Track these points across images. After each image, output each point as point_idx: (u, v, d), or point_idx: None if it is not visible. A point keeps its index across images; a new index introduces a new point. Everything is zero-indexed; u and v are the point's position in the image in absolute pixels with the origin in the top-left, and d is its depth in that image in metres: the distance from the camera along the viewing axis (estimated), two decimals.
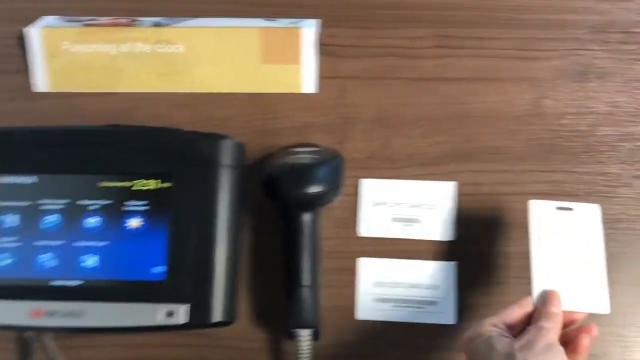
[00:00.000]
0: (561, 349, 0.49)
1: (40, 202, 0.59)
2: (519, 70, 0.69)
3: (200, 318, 0.56)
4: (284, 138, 0.68)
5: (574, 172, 0.66)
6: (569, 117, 0.67)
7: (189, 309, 0.56)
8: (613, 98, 0.68)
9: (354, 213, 0.66)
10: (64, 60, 0.70)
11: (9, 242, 0.59)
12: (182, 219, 0.58)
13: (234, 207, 0.60)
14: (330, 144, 0.67)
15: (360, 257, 0.65)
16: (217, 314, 0.57)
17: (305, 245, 0.60)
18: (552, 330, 0.50)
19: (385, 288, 0.64)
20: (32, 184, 0.59)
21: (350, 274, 0.65)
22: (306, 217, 0.60)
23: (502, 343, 0.49)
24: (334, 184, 0.62)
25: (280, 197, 0.61)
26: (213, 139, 0.61)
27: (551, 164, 0.66)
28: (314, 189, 0.60)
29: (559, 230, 0.58)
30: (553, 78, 0.68)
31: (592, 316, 0.56)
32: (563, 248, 0.57)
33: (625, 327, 0.63)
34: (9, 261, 0.58)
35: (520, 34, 0.70)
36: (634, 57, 0.69)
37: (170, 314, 0.56)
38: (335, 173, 0.63)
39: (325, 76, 0.69)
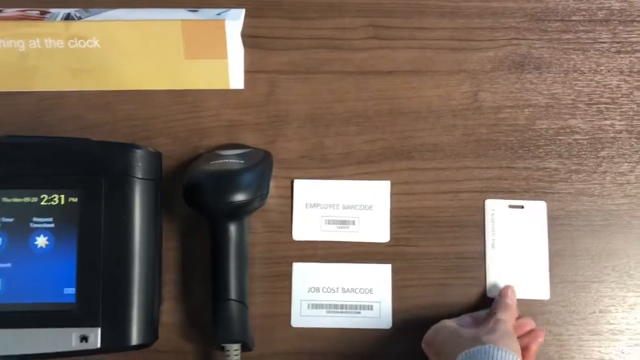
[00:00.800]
0: (515, 337, 0.54)
1: None
2: (455, 62, 0.66)
3: (114, 342, 0.53)
4: (211, 138, 0.65)
5: (512, 167, 0.64)
6: (506, 110, 0.66)
7: (100, 332, 0.52)
8: (551, 90, 0.66)
9: (288, 216, 0.63)
10: None
11: None
12: (90, 237, 0.54)
13: (149, 221, 0.56)
14: (261, 144, 0.65)
15: (295, 262, 0.62)
16: (133, 337, 0.53)
17: (231, 257, 0.57)
18: (508, 320, 0.56)
19: (320, 294, 0.62)
20: None
21: (285, 279, 0.63)
22: (232, 227, 0.57)
23: (468, 331, 0.54)
24: (259, 191, 0.59)
25: (203, 207, 0.57)
26: (124, 149, 0.56)
27: (489, 160, 0.64)
28: (238, 197, 0.56)
29: (511, 228, 0.62)
30: (490, 70, 0.66)
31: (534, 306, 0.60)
32: (513, 243, 0.62)
33: (562, 325, 0.62)
34: None
35: (455, 23, 0.67)
36: (573, 46, 0.67)
37: (84, 339, 0.52)
38: (261, 179, 0.59)
39: (252, 70, 0.66)
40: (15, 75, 0.65)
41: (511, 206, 0.63)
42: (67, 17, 0.65)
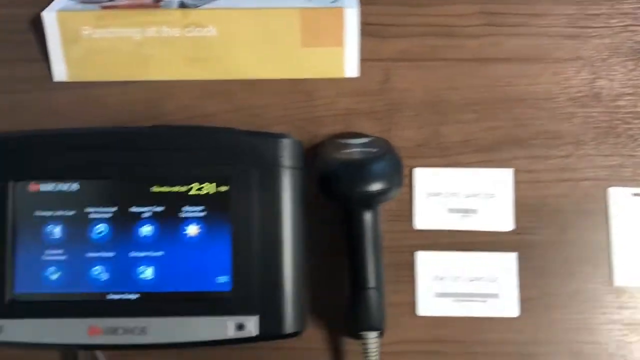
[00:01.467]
0: None
1: (85, 210, 0.54)
2: (571, 49, 0.66)
3: (271, 330, 0.52)
4: (326, 127, 0.64)
5: (634, 156, 0.63)
6: (625, 98, 0.65)
7: (258, 320, 0.52)
8: None
9: (408, 205, 0.63)
10: (84, 47, 0.64)
11: (55, 255, 0.53)
12: (244, 225, 0.53)
13: (298, 210, 0.56)
14: (377, 132, 0.64)
15: (417, 250, 0.62)
16: (289, 325, 0.53)
17: (368, 246, 0.56)
18: None
19: (445, 282, 0.61)
20: (75, 192, 0.54)
21: (408, 268, 0.62)
22: (368, 216, 0.56)
23: None
24: (396, 179, 0.58)
25: (340, 196, 0.57)
26: (270, 138, 0.56)
27: (610, 148, 0.64)
28: (377, 186, 0.56)
29: (635, 215, 0.60)
30: (607, 57, 0.65)
31: None
32: (638, 232, 0.60)
33: None
34: (57, 275, 0.53)
35: (569, 9, 0.66)
36: None
37: (240, 327, 0.52)
38: (396, 167, 0.59)
39: (367, 59, 0.65)
40: (130, 64, 0.65)
41: (635, 194, 0.62)
42: (182, 5, 0.65)
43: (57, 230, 0.54)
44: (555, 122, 0.64)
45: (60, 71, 0.65)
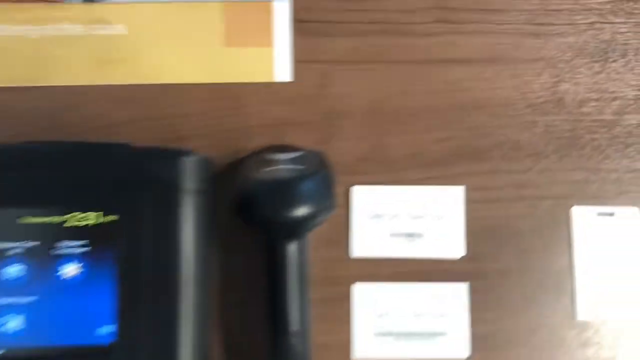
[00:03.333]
0: None
1: None
2: (532, 49, 0.58)
3: None
4: (254, 139, 0.56)
5: (600, 169, 0.57)
6: (591, 104, 0.58)
7: None
8: None
9: (344, 228, 0.55)
10: None
11: None
12: (134, 262, 0.45)
13: (201, 242, 0.48)
14: (313, 145, 0.56)
15: (354, 282, 0.54)
16: None
17: (291, 282, 0.48)
18: None
19: (386, 319, 0.54)
20: None
21: (343, 303, 0.54)
22: (291, 247, 0.49)
23: None
24: (326, 201, 0.50)
25: (258, 223, 0.49)
26: (169, 156, 0.47)
27: (573, 161, 0.57)
28: (303, 210, 0.48)
29: (601, 238, 0.55)
30: (571, 58, 0.58)
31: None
32: (604, 256, 0.55)
33: None
34: None
35: (530, 4, 0.59)
36: None
37: None
38: (327, 186, 0.51)
39: (302, 60, 0.57)
40: (28, 67, 0.56)
41: (601, 214, 0.55)
42: None
43: None
44: (514, 132, 0.57)
45: None
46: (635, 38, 0.59)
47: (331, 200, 0.51)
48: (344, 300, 0.54)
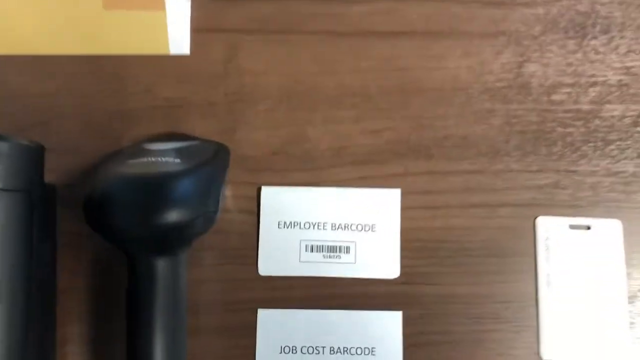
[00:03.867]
0: None
1: None
2: (490, 22, 0.49)
3: None
4: (141, 125, 0.47)
5: (574, 171, 0.47)
6: (564, 90, 0.49)
7: None
8: (625, 62, 0.49)
9: (251, 240, 0.46)
10: None
11: None
12: None
13: (20, 256, 0.36)
14: (214, 134, 0.47)
15: (261, 307, 0.45)
16: None
17: (158, 312, 0.37)
18: None
19: (297, 355, 0.45)
20: None
21: (247, 334, 0.45)
22: (160, 264, 0.37)
23: None
24: (203, 207, 0.38)
25: (114, 233, 0.37)
26: None
27: (540, 161, 0.47)
28: (170, 217, 0.36)
29: (573, 256, 0.46)
30: (540, 33, 0.49)
31: None
32: (577, 280, 0.45)
33: None
34: None
35: None
36: None
37: None
38: (207, 187, 0.39)
39: (203, 29, 0.48)
40: None
41: (573, 226, 0.45)
42: None
43: None
44: (465, 124, 0.48)
45: None
46: (619, 10, 0.49)
47: (211, 208, 0.39)
48: (248, 330, 0.45)
